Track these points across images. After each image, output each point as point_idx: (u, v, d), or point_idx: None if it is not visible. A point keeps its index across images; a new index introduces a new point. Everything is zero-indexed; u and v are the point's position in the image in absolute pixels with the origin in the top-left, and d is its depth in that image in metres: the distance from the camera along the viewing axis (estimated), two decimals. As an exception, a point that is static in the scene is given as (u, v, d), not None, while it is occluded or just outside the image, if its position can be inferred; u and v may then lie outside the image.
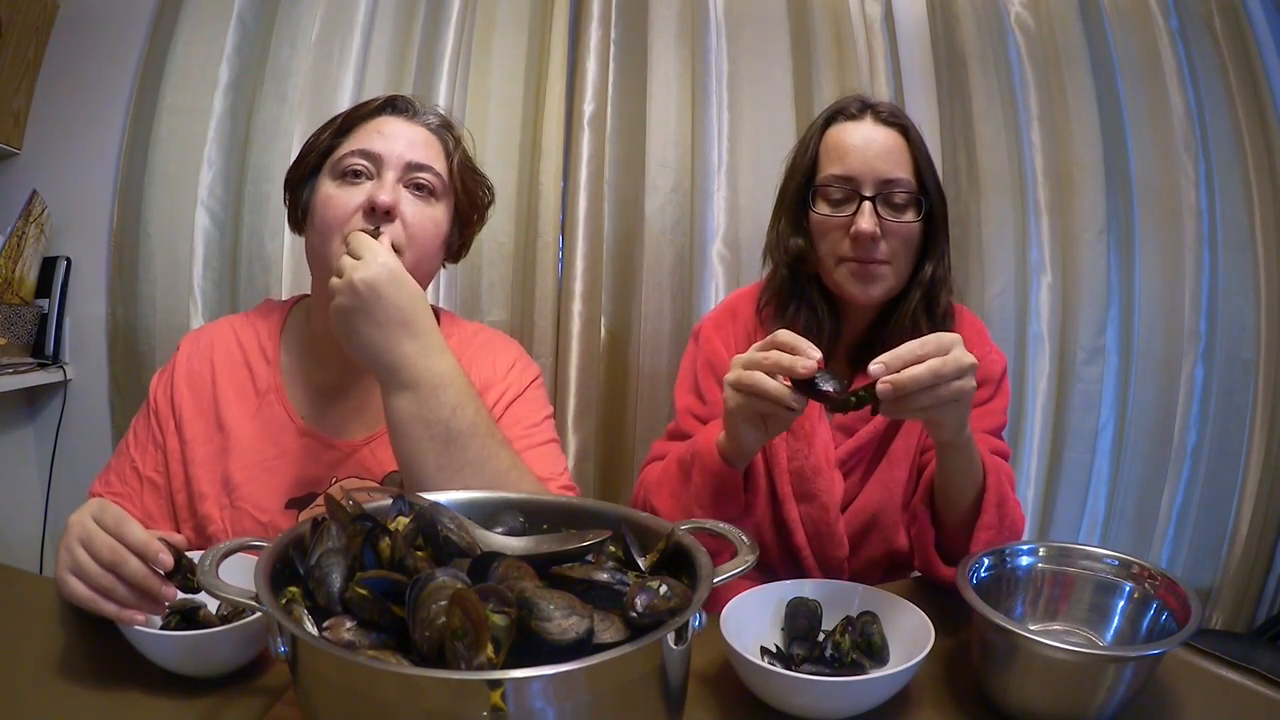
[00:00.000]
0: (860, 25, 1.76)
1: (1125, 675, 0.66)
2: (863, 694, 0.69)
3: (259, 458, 0.94)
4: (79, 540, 0.71)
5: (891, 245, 1.03)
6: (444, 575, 0.54)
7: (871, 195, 1.01)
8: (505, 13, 1.74)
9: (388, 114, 0.97)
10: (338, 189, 0.92)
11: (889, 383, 0.73)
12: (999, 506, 0.88)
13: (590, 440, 1.73)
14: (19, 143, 1.74)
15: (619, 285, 1.76)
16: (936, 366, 0.73)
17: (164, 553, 0.70)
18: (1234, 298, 1.83)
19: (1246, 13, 1.80)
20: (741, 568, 0.61)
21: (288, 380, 0.98)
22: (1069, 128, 1.79)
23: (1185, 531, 1.89)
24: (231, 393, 0.97)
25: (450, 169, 0.97)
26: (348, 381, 0.98)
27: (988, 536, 0.87)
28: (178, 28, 1.68)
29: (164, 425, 0.97)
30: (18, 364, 1.68)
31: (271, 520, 0.92)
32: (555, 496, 0.83)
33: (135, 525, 0.71)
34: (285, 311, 1.04)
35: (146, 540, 0.70)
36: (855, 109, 1.07)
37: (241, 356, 0.99)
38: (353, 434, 0.97)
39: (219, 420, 0.95)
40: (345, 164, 0.92)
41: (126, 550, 0.70)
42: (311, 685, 0.53)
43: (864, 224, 1.00)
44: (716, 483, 0.92)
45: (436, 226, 0.96)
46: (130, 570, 0.70)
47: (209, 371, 0.98)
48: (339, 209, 0.90)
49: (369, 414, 0.97)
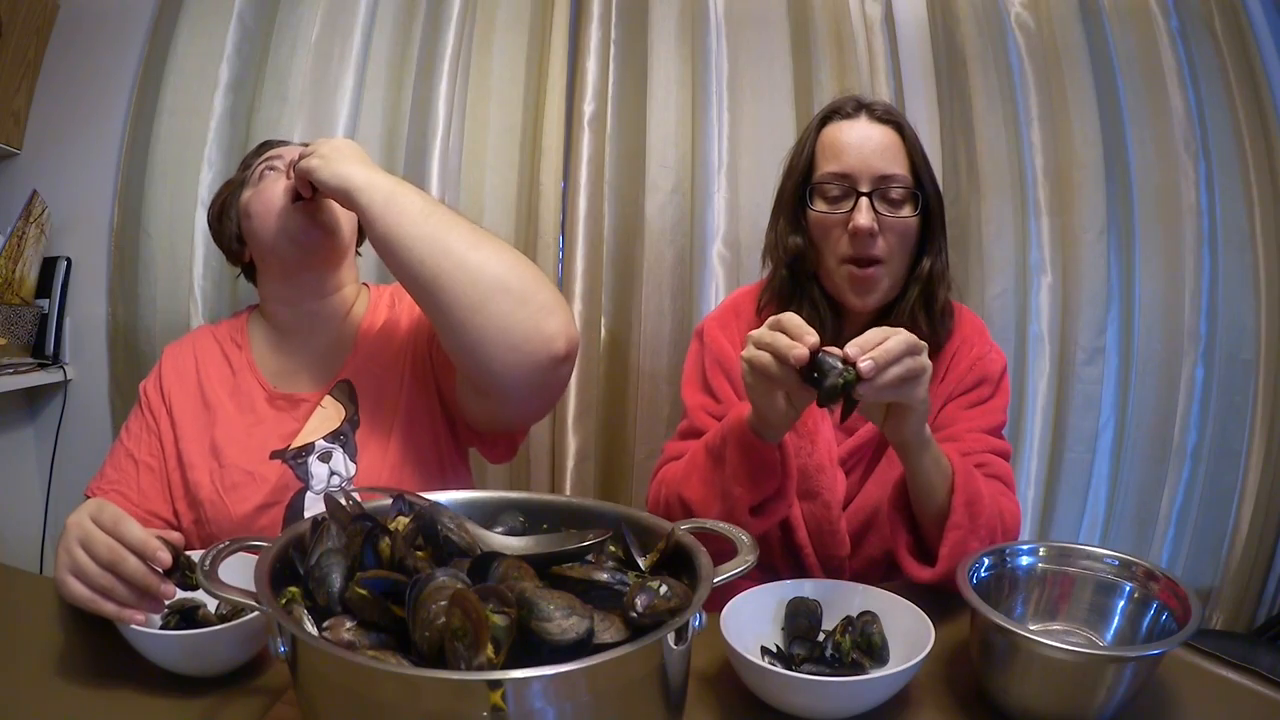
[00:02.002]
0: (860, 25, 1.76)
1: (1125, 675, 0.66)
2: (863, 694, 0.69)
3: (241, 424, 1.05)
4: (78, 541, 0.72)
5: (889, 241, 1.03)
6: (444, 575, 0.54)
7: (868, 191, 1.02)
8: (505, 13, 1.74)
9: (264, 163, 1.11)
10: (255, 190, 1.07)
11: (871, 358, 0.75)
12: (968, 506, 0.88)
13: (590, 440, 1.73)
14: (19, 143, 1.74)
15: (619, 285, 1.76)
16: (904, 338, 0.77)
17: (162, 550, 0.71)
18: (1234, 298, 1.82)
19: (1246, 13, 1.80)
20: (741, 568, 0.61)
21: (257, 357, 1.11)
22: (1069, 128, 1.79)
23: (1185, 532, 1.89)
24: (213, 376, 1.09)
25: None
26: (304, 350, 1.11)
27: (958, 536, 0.87)
28: (178, 28, 1.67)
29: (157, 413, 1.07)
30: (18, 364, 1.68)
31: (256, 470, 1.01)
32: (555, 496, 0.83)
33: (133, 524, 0.72)
34: (249, 311, 1.19)
35: (144, 539, 0.71)
36: (850, 108, 1.08)
37: (218, 348, 1.12)
38: (314, 387, 1.08)
39: (204, 400, 1.07)
40: (256, 173, 1.08)
41: (125, 549, 0.70)
42: (311, 685, 0.53)
43: (861, 219, 1.01)
44: (753, 458, 0.91)
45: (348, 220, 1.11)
46: (129, 569, 0.70)
47: (193, 364, 1.11)
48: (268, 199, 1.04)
49: (325, 367, 1.10)
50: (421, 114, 1.67)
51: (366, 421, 1.04)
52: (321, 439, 1.03)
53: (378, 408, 1.05)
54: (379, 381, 1.07)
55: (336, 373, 1.08)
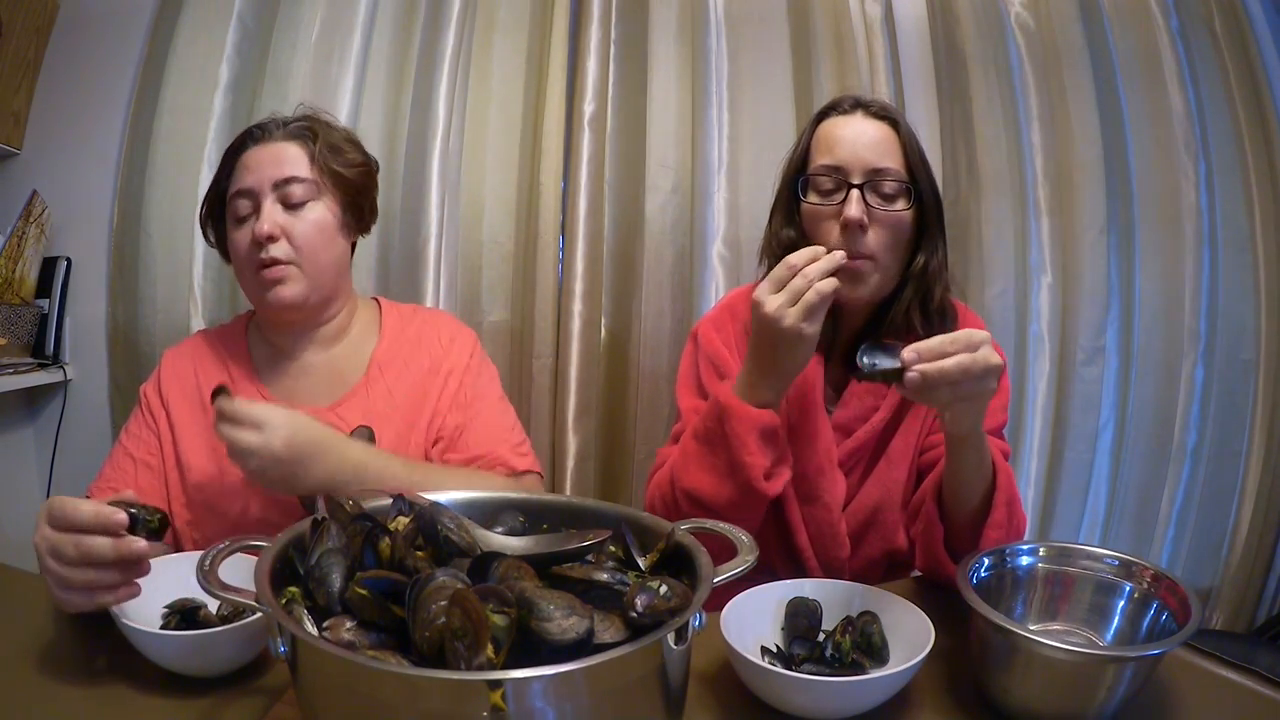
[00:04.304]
0: (860, 25, 1.76)
1: (1125, 675, 0.66)
2: (863, 694, 0.69)
3: None
4: (48, 554, 0.72)
5: (881, 236, 1.03)
6: (444, 575, 0.54)
7: (860, 183, 1.02)
8: (505, 13, 1.74)
9: (250, 146, 1.06)
10: (236, 232, 1.05)
11: (919, 373, 0.76)
12: (1009, 505, 0.88)
13: (590, 440, 1.73)
14: (19, 143, 1.74)
15: (619, 285, 1.76)
16: (966, 363, 0.76)
17: (116, 513, 0.71)
18: (1234, 298, 1.83)
19: (1246, 13, 1.80)
20: (741, 568, 0.61)
21: (259, 366, 1.11)
22: (1069, 128, 1.79)
23: (1185, 531, 1.89)
24: (213, 381, 1.06)
25: (316, 165, 1.06)
26: (308, 361, 1.10)
27: (997, 535, 0.87)
28: (178, 28, 1.67)
29: (156, 416, 1.07)
30: (18, 364, 1.68)
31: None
32: (555, 496, 0.83)
33: (80, 505, 0.71)
34: (248, 318, 1.17)
35: (94, 512, 0.71)
36: (847, 105, 1.09)
37: (217, 354, 1.11)
38: (319, 402, 1.08)
39: (203, 404, 1.05)
40: (233, 210, 1.05)
41: (84, 535, 0.70)
42: (311, 685, 0.53)
43: (851, 210, 1.01)
44: (758, 428, 0.94)
45: (319, 227, 1.05)
46: (99, 552, 0.70)
47: (192, 369, 1.10)
48: (240, 250, 1.05)
49: (332, 385, 1.09)
50: (421, 114, 1.67)
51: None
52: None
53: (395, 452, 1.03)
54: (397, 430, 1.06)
55: (342, 395, 1.08)
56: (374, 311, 1.18)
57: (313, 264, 1.04)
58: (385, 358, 1.11)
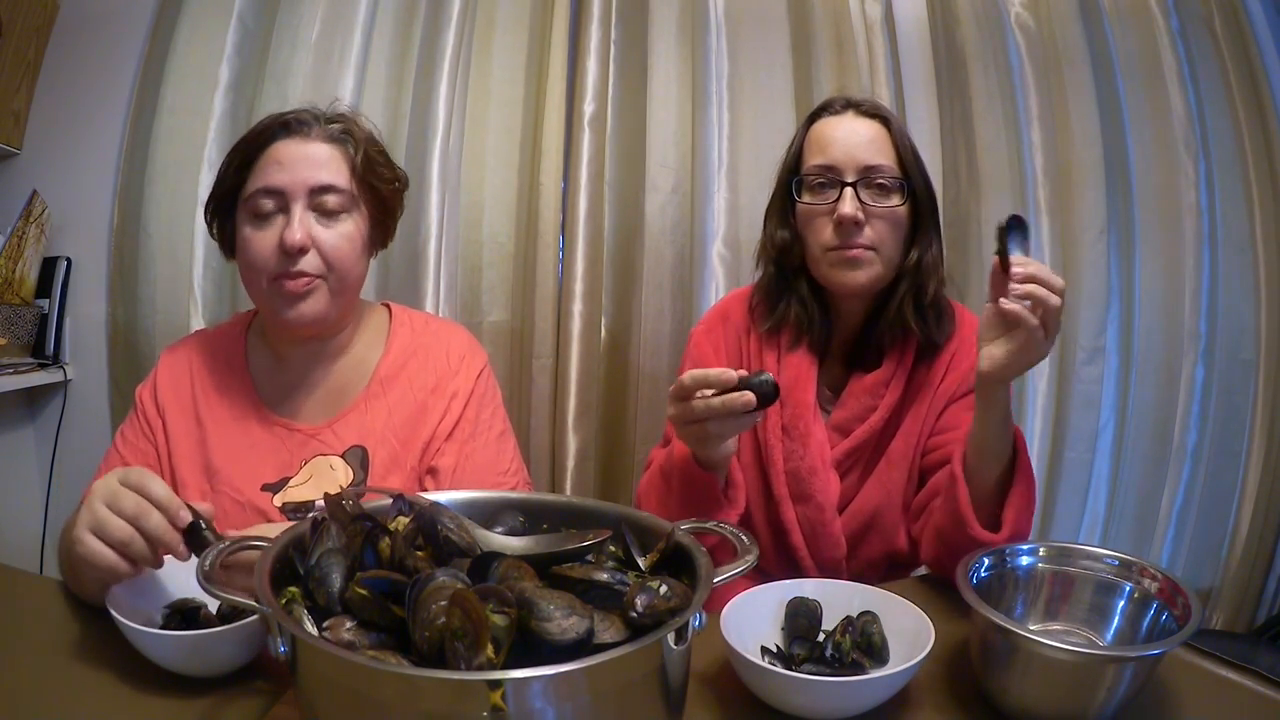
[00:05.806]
0: (860, 25, 1.76)
1: (1125, 675, 0.66)
2: (863, 694, 0.69)
3: (234, 446, 1.01)
4: (102, 499, 0.73)
5: (877, 231, 1.04)
6: (444, 575, 0.54)
7: (853, 181, 1.03)
8: (505, 13, 1.74)
9: (282, 138, 0.97)
10: (253, 231, 0.96)
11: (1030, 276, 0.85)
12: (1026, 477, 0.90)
13: (590, 441, 1.73)
14: (19, 143, 1.74)
15: (619, 285, 1.76)
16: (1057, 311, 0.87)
17: (184, 509, 0.72)
18: (1234, 298, 1.83)
19: (1246, 13, 1.80)
20: (741, 568, 0.61)
21: (255, 377, 1.06)
22: (1069, 128, 1.79)
23: (1185, 531, 1.89)
24: (209, 391, 1.04)
25: (354, 177, 0.99)
26: (308, 374, 1.06)
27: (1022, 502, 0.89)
28: (178, 28, 1.67)
29: (151, 425, 1.03)
30: (18, 364, 1.68)
31: (249, 501, 0.98)
32: (555, 496, 0.83)
33: (160, 483, 0.73)
34: (248, 320, 1.12)
35: (169, 496, 0.73)
36: (839, 106, 1.09)
37: (214, 361, 1.07)
38: (315, 419, 1.04)
39: (198, 416, 1.03)
40: (253, 206, 0.96)
41: (150, 505, 0.72)
42: (311, 685, 0.53)
43: (845, 208, 1.02)
44: (694, 489, 0.94)
45: (352, 242, 0.99)
46: (152, 524, 0.71)
47: (188, 376, 1.05)
48: (257, 253, 0.96)
49: (330, 400, 1.05)
50: (421, 114, 1.67)
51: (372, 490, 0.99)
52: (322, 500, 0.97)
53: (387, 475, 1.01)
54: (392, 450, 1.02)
55: (342, 409, 1.03)
56: (383, 319, 1.12)
57: (340, 280, 0.98)
58: (389, 372, 1.06)
